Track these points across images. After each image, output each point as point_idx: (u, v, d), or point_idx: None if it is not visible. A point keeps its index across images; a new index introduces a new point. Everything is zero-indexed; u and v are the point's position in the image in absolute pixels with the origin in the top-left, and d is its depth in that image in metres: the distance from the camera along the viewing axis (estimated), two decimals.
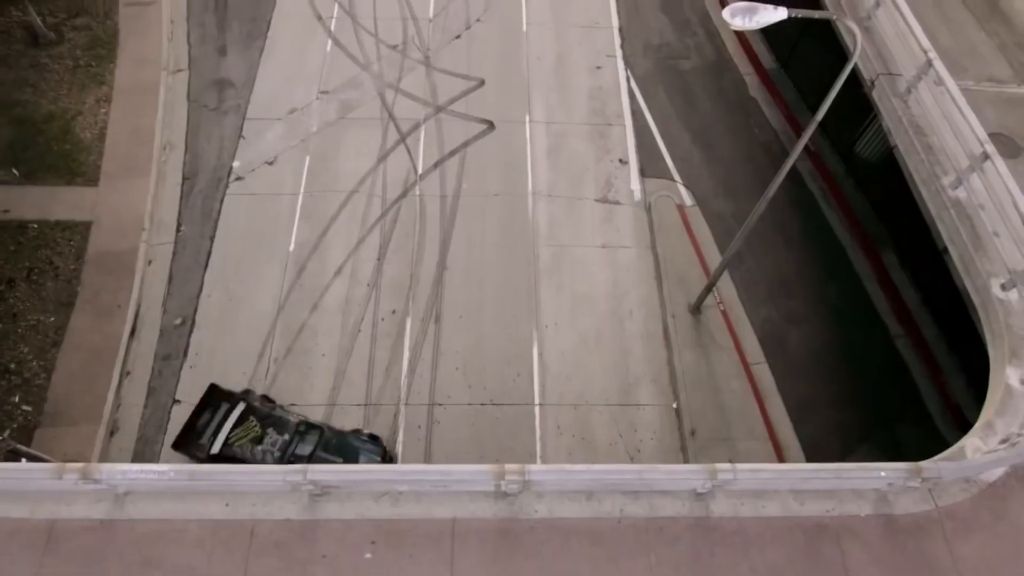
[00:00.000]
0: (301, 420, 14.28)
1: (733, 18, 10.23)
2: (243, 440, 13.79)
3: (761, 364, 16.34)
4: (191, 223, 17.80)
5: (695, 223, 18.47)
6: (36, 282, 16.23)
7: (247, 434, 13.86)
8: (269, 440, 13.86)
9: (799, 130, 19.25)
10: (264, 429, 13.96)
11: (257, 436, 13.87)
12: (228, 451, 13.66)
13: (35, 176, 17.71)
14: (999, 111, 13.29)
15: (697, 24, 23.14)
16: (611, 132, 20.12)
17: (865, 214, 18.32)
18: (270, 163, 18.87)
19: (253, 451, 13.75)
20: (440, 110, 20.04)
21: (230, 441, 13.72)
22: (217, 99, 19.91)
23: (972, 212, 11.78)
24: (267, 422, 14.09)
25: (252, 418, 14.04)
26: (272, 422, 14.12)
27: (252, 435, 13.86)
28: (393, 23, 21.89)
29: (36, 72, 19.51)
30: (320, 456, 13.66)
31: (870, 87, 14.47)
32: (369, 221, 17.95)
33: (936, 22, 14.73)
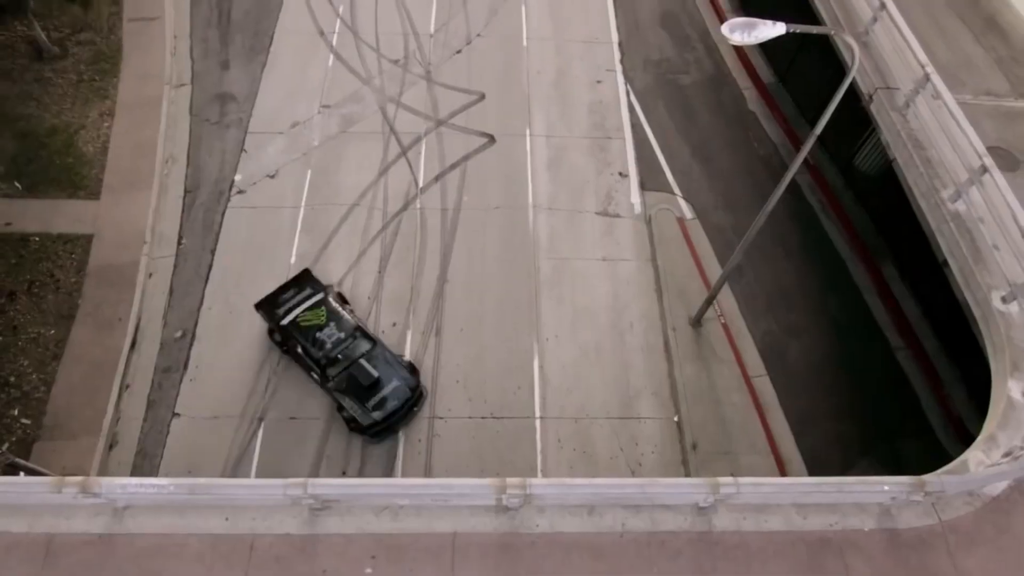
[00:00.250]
0: (360, 327, 15.42)
1: (732, 33, 10.33)
2: (309, 323, 15.18)
3: (762, 377, 16.31)
4: (192, 236, 17.84)
5: (695, 236, 18.51)
6: (37, 295, 16.25)
7: (313, 319, 15.24)
8: (328, 331, 15.09)
9: (798, 144, 19.36)
10: (328, 321, 15.19)
11: (320, 325, 15.16)
12: (293, 327, 15.13)
13: (37, 189, 17.78)
14: (997, 124, 13.38)
15: (696, 40, 23.33)
16: (611, 146, 20.23)
17: (864, 227, 18.37)
18: (272, 176, 18.95)
19: (313, 336, 14.99)
20: (441, 124, 20.16)
21: (298, 320, 15.17)
22: (219, 113, 20.03)
23: (972, 225, 11.82)
24: (333, 316, 15.31)
25: (323, 308, 15.36)
26: (336, 318, 15.30)
27: (317, 322, 15.20)
28: (394, 38, 22.08)
29: (40, 86, 19.64)
30: (361, 364, 14.77)
31: (868, 101, 14.58)
32: (370, 234, 18.00)
33: (933, 36, 14.87)
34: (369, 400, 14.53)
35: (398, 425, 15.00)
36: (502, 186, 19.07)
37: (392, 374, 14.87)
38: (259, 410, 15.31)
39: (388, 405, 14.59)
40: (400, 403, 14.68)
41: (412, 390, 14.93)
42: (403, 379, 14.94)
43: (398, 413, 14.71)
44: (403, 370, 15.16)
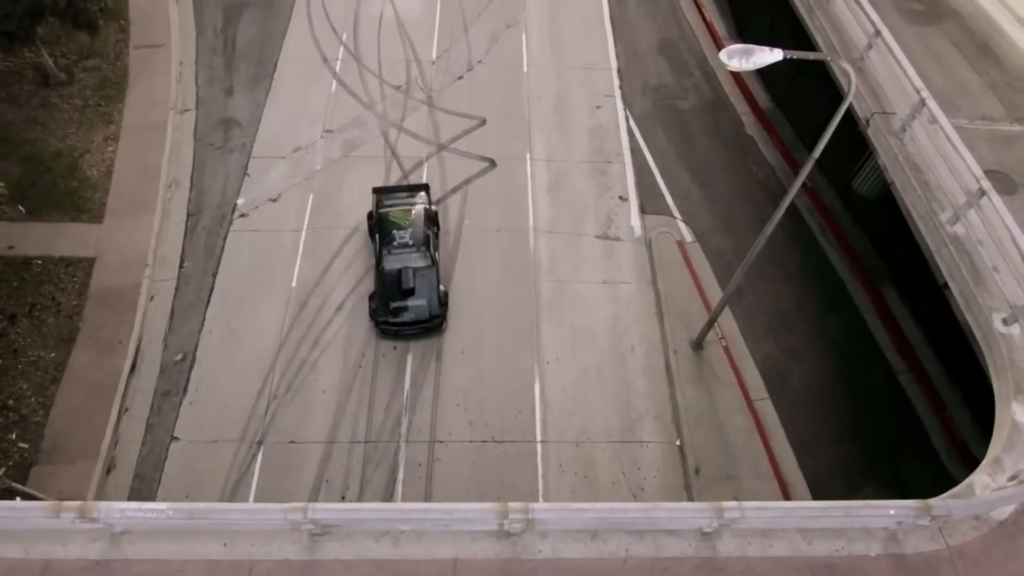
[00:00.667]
0: (427, 246, 16.83)
1: (730, 60, 10.49)
2: (395, 220, 16.97)
3: (764, 400, 16.23)
4: (194, 259, 17.90)
5: (695, 259, 18.57)
6: (38, 318, 16.24)
7: (399, 219, 17.00)
8: (401, 233, 16.79)
9: (796, 167, 19.54)
10: (407, 226, 16.88)
11: (400, 225, 16.88)
12: (383, 217, 17.03)
13: (41, 213, 17.88)
14: (994, 148, 13.51)
15: (695, 66, 23.68)
16: (611, 170, 20.40)
17: (864, 249, 18.45)
18: (274, 200, 19.08)
19: (390, 231, 16.82)
20: (442, 148, 20.36)
21: (388, 213, 17.05)
22: (223, 138, 20.25)
23: (971, 248, 11.86)
24: (413, 225, 16.91)
25: (411, 214, 17.05)
26: (414, 228, 16.86)
27: (399, 222, 16.95)
28: (397, 65, 22.41)
29: (46, 111, 19.88)
30: (407, 272, 16.37)
31: (865, 125, 14.74)
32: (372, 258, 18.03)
33: (927, 62, 15.08)
34: (393, 303, 16.23)
35: (408, 336, 16.58)
36: (503, 209, 19.19)
37: (424, 295, 16.30)
38: (258, 434, 15.22)
39: (404, 316, 16.21)
40: (414, 319, 16.24)
41: (432, 317, 16.34)
42: (429, 303, 16.31)
43: (409, 327, 16.33)
44: (435, 297, 16.46)
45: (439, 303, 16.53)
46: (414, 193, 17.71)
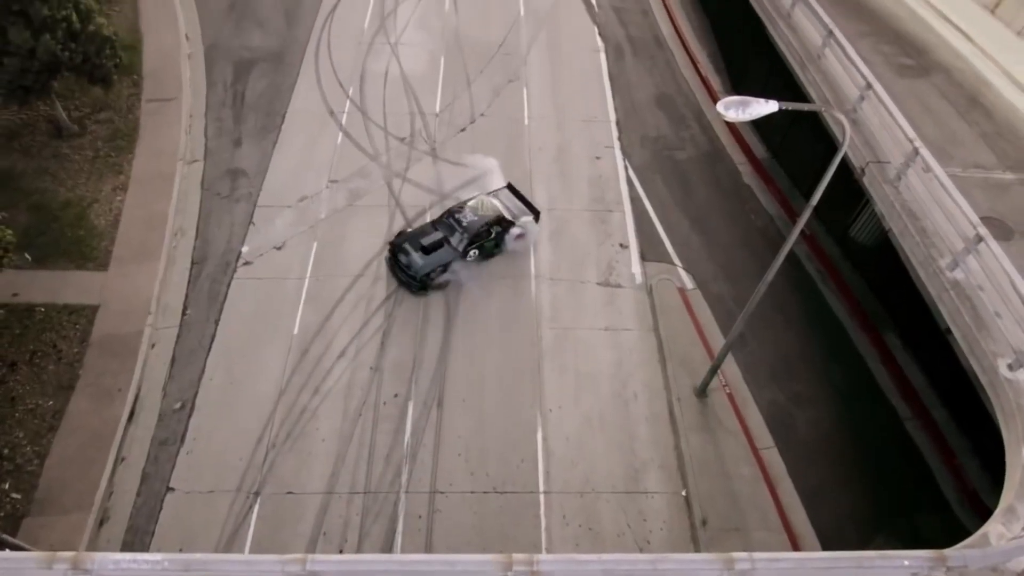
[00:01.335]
0: (473, 241, 18.41)
1: (727, 111, 10.79)
2: (480, 202, 18.98)
3: (770, 449, 16.00)
4: (197, 307, 17.95)
5: (696, 305, 18.62)
6: (38, 365, 16.17)
7: (480, 205, 18.91)
8: (470, 215, 18.60)
9: (793, 215, 19.82)
10: (476, 214, 18.70)
11: (475, 208, 18.90)
12: (455, 206, 19.14)
13: (47, 261, 18.03)
14: (988, 195, 13.73)
15: (691, 119, 24.30)
16: (611, 218, 20.68)
17: (864, 295, 18.52)
18: (278, 248, 19.26)
19: (465, 206, 18.92)
20: (445, 198, 20.67)
21: (475, 200, 19.12)
22: (230, 187, 20.59)
23: (972, 293, 11.92)
24: (482, 214, 18.67)
25: (489, 206, 18.95)
26: (477, 223, 18.49)
27: (476, 205, 18.92)
28: (401, 117, 23.00)
29: (57, 162, 20.29)
30: (446, 243, 18.34)
31: (861, 174, 15.02)
32: (374, 304, 18.11)
33: (919, 113, 15.49)
34: (408, 243, 18.25)
35: (395, 276, 18.44)
36: (505, 257, 19.34)
37: (429, 263, 17.96)
38: (255, 484, 14.93)
39: (402, 256, 18.12)
40: (406, 265, 17.98)
41: (415, 277, 17.90)
42: (424, 268, 17.88)
43: (398, 267, 18.18)
44: (432, 270, 18.00)
45: (427, 275, 17.95)
46: (512, 195, 19.67)
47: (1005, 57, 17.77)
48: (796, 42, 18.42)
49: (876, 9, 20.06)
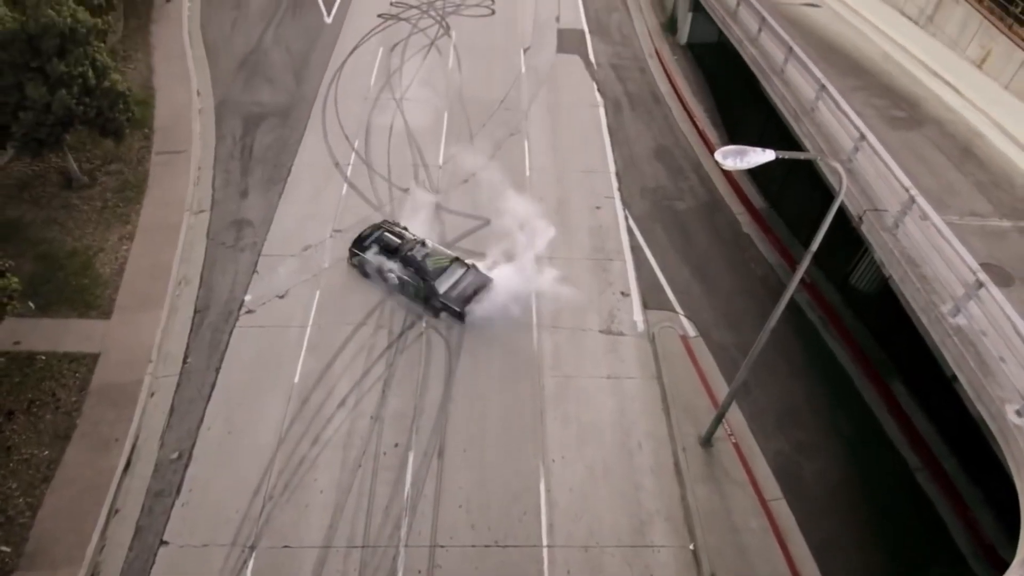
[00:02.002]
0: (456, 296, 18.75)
1: (725, 159, 11.02)
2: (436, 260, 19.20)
3: (779, 500, 15.63)
4: (198, 355, 17.89)
5: (699, 353, 18.53)
6: (35, 414, 16.02)
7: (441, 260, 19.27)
8: (466, 278, 19.10)
9: (793, 263, 19.95)
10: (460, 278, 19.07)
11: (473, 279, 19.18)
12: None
13: (50, 309, 18.10)
14: (986, 243, 13.84)
15: (690, 170, 24.76)
16: (612, 266, 20.81)
17: (867, 343, 18.45)
18: (281, 297, 19.33)
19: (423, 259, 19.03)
20: (448, 247, 20.85)
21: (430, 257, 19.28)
22: (235, 237, 20.84)
23: (975, 338, 11.87)
24: (469, 283, 19.02)
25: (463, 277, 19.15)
26: (465, 288, 18.86)
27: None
28: (405, 169, 23.47)
29: (66, 212, 20.62)
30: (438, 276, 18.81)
31: (859, 222, 15.19)
32: (375, 353, 18.05)
33: (913, 163, 15.77)
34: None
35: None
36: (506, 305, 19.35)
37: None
38: (251, 537, 14.55)
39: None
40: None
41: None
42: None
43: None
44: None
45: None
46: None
47: (995, 110, 18.23)
48: (790, 96, 18.95)
49: (866, 65, 20.71)
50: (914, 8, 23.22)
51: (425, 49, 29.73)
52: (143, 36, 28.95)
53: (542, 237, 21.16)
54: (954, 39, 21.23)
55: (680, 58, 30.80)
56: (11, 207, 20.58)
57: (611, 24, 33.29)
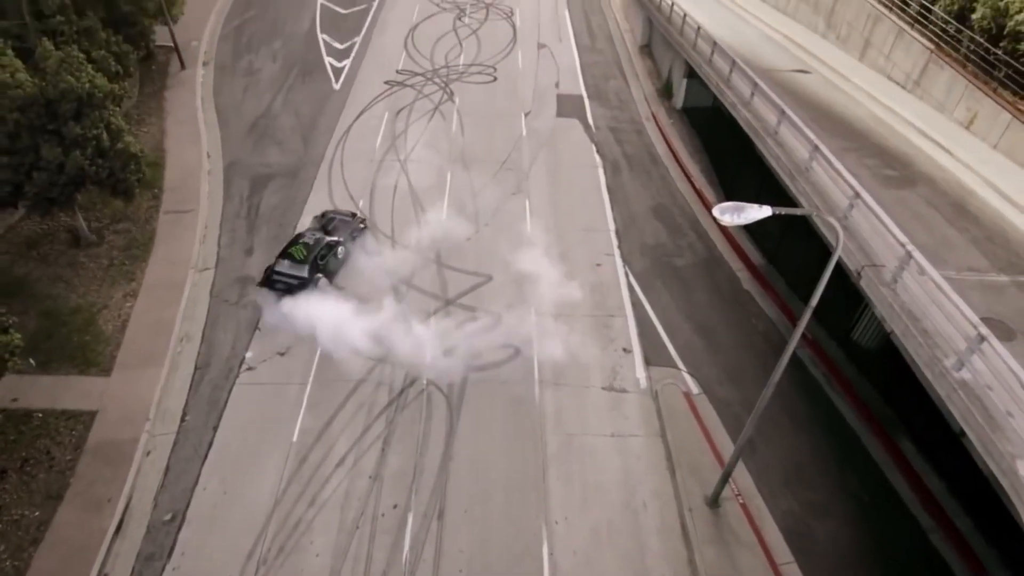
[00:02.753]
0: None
1: (723, 215, 11.23)
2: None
3: (790, 564, 15.11)
4: (197, 412, 17.72)
5: (703, 410, 18.32)
6: (29, 473, 15.74)
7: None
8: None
9: (794, 319, 19.97)
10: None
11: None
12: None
13: (51, 366, 18.05)
14: (985, 297, 13.90)
15: (688, 228, 25.14)
16: (614, 323, 20.84)
17: (872, 399, 18.25)
18: (282, 354, 19.30)
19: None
20: (450, 303, 20.98)
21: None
22: (239, 294, 20.98)
23: (981, 393, 11.76)
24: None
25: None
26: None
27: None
28: (408, 227, 23.84)
29: (72, 270, 20.85)
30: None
31: (857, 277, 15.30)
32: (375, 410, 17.87)
33: (908, 220, 16.01)
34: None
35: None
36: (508, 363, 19.28)
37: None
38: None
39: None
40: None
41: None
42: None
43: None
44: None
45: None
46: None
47: (986, 168, 18.65)
48: (784, 156, 19.44)
49: (857, 127, 21.34)
50: (900, 73, 24.11)
51: (429, 114, 30.72)
52: (157, 101, 30.02)
53: (543, 293, 21.30)
54: (941, 102, 21.94)
55: (676, 121, 31.77)
56: (19, 264, 20.84)
57: (609, 90, 34.49)
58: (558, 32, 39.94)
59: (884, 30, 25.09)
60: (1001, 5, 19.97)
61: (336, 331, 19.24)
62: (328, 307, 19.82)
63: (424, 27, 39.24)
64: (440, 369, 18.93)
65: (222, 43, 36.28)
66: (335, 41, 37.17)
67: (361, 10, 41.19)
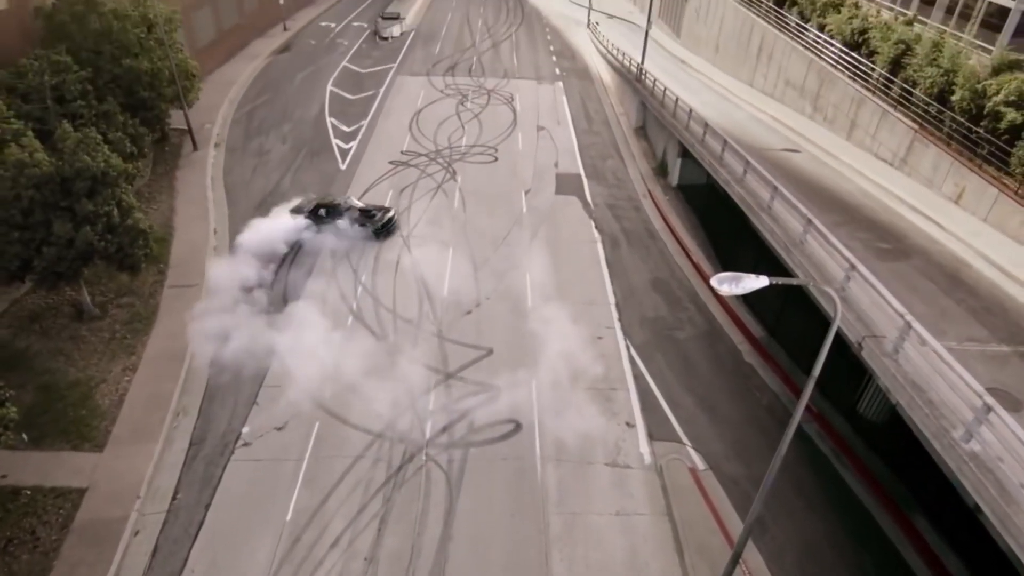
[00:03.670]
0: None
1: (721, 285, 11.34)
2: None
3: None
4: (189, 490, 17.26)
5: (710, 487, 17.81)
6: (11, 554, 15.15)
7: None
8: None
9: (797, 392, 19.75)
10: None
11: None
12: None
13: (43, 441, 17.74)
14: (988, 368, 13.83)
15: (687, 301, 25.31)
16: (616, 396, 20.61)
17: (882, 473, 17.78)
18: (279, 429, 19.00)
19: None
20: (450, 377, 20.84)
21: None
22: (238, 368, 20.82)
23: (992, 465, 11.50)
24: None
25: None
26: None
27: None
28: (410, 301, 24.03)
29: (73, 343, 20.86)
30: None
31: (859, 348, 15.27)
32: (372, 488, 17.39)
33: (905, 292, 16.15)
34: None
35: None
36: (509, 437, 18.94)
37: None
38: None
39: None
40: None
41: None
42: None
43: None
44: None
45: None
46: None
47: (977, 241, 18.99)
48: (779, 230, 19.84)
49: (848, 201, 21.91)
50: (887, 152, 24.97)
51: (432, 192, 31.60)
52: (169, 180, 30.97)
53: (544, 367, 21.21)
54: (929, 178, 22.61)
55: (672, 198, 32.61)
56: (20, 338, 20.88)
57: (606, 169, 35.62)
58: (556, 116, 41.67)
59: (868, 112, 26.20)
60: (979, 88, 20.96)
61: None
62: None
63: (428, 111, 41.00)
64: (439, 444, 18.59)
65: (234, 126, 37.83)
66: (342, 124, 38.75)
67: (368, 96, 43.17)
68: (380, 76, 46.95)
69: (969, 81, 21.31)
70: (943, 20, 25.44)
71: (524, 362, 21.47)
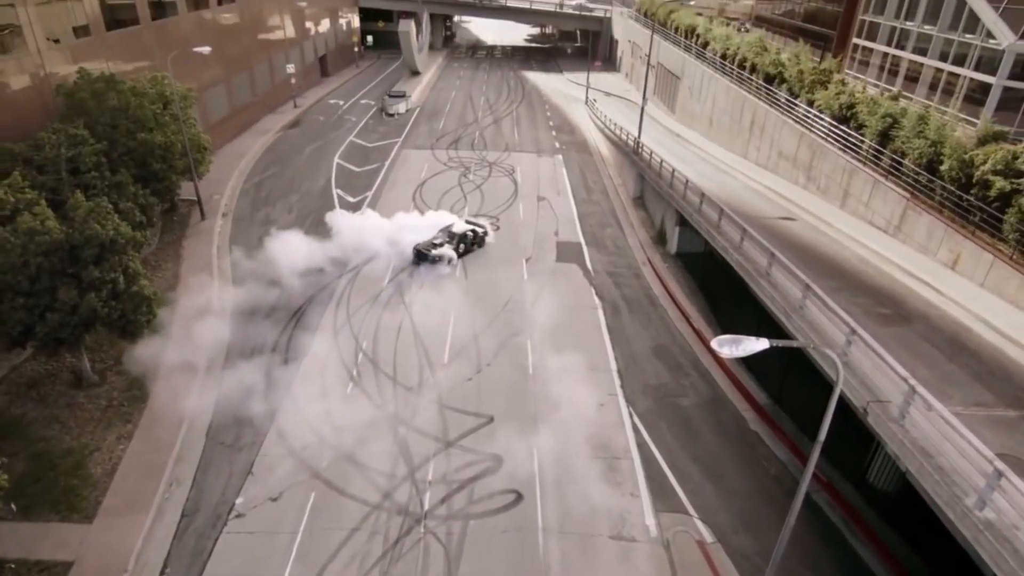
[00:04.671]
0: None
1: (721, 348, 11.36)
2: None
3: None
4: (178, 564, 16.64)
5: (719, 561, 17.15)
6: None
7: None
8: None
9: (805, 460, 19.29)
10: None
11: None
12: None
13: (32, 511, 17.26)
14: (996, 433, 13.60)
15: (689, 367, 25.14)
16: (620, 465, 20.15)
17: (896, 545, 17.14)
18: (274, 500, 18.51)
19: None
20: (450, 445, 20.47)
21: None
22: (235, 436, 20.56)
23: (1009, 534, 11.13)
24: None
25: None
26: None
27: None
28: (410, 368, 23.90)
29: (69, 411, 20.62)
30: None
31: (864, 414, 15.07)
32: (369, 561, 16.77)
33: (907, 357, 16.09)
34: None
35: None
36: (510, 509, 18.41)
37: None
38: None
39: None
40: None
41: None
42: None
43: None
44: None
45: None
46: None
47: (976, 305, 19.08)
48: (778, 296, 19.97)
49: (845, 267, 22.15)
50: (881, 220, 25.45)
51: None
52: (175, 248, 31.47)
53: (545, 435, 20.87)
54: (924, 244, 22.95)
55: (671, 265, 32.97)
56: (16, 405, 20.67)
57: (605, 237, 36.19)
58: (556, 186, 42.74)
59: (861, 181, 26.89)
60: (966, 157, 21.59)
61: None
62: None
63: (432, 182, 42.12)
64: (438, 516, 18.05)
65: (242, 197, 38.79)
66: (348, 195, 39.73)
67: (374, 168, 44.47)
68: (386, 150, 48.51)
69: (956, 152, 21.99)
70: (927, 96, 26.54)
71: (525, 430, 21.14)
